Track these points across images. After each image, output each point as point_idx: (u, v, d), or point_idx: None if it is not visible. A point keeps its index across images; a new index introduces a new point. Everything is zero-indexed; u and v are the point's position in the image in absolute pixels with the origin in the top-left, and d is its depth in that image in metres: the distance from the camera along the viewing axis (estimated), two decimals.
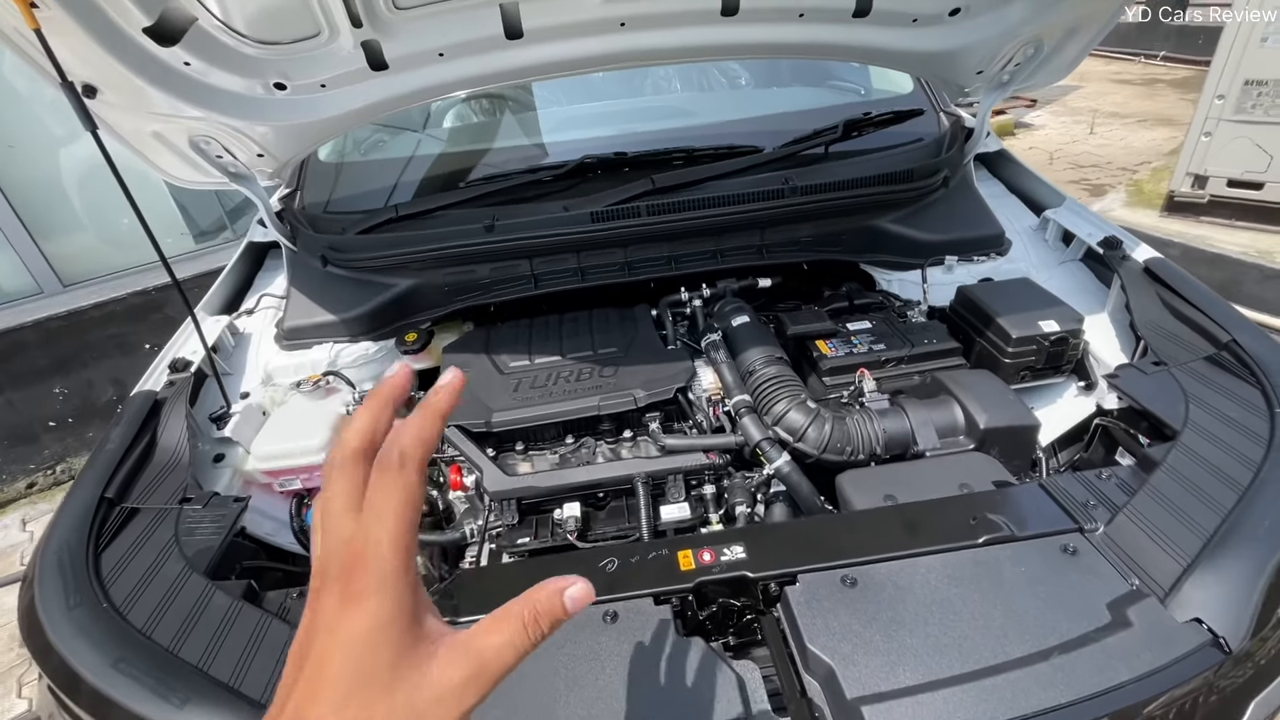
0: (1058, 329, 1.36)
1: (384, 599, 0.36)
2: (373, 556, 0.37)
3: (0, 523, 3.10)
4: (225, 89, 1.34)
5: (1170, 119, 7.16)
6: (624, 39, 1.39)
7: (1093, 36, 1.48)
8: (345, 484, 0.39)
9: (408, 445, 0.39)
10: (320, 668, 0.36)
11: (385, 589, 0.37)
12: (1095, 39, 1.49)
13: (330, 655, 0.36)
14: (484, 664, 0.38)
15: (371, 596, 0.36)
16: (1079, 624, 0.85)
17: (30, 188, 3.15)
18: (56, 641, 0.88)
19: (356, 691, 0.35)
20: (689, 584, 0.95)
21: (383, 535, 0.37)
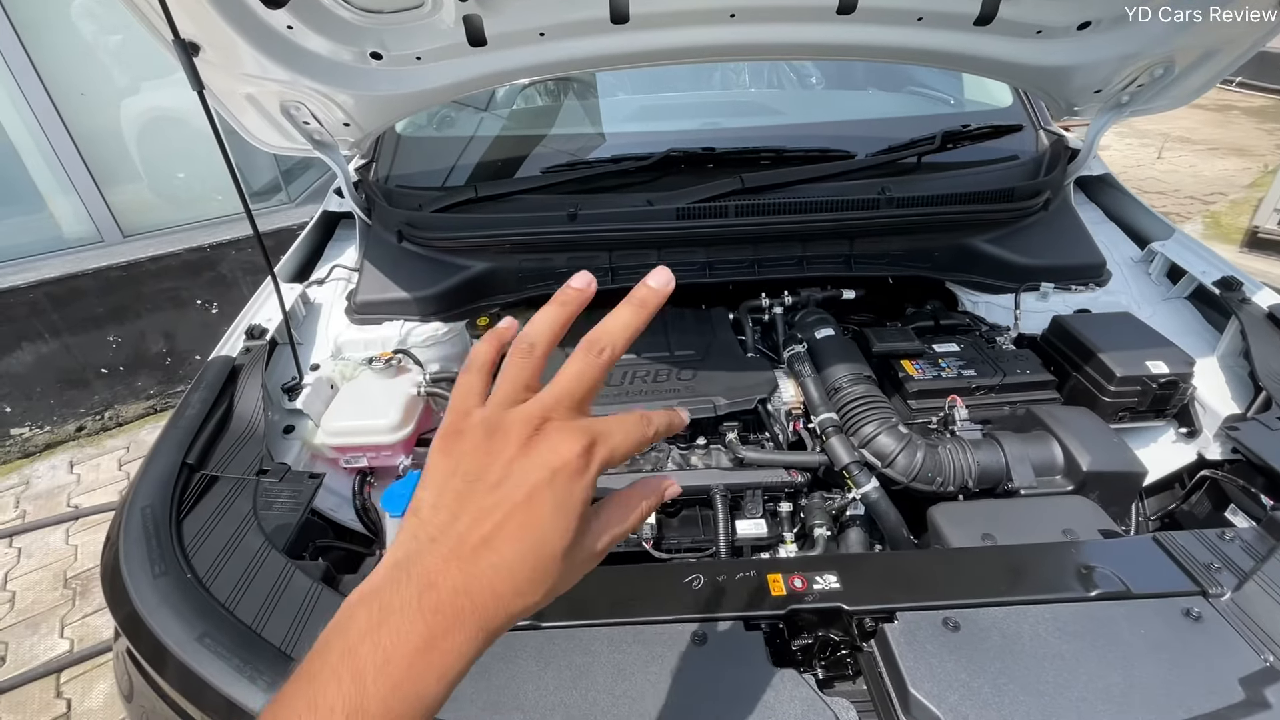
0: (1167, 371, 1.29)
1: (593, 481, 0.41)
2: (606, 445, 0.42)
3: (49, 464, 3.18)
4: (323, 55, 1.32)
5: (1244, 149, 6.87)
6: (732, 31, 1.34)
7: (1230, 61, 1.38)
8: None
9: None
10: (528, 513, 0.39)
11: (598, 472, 0.42)
12: (1232, 65, 1.39)
13: (541, 503, 0.39)
14: (613, 536, 0.44)
15: (593, 471, 0.41)
16: (1208, 699, 0.79)
17: (98, 137, 3.20)
18: (143, 610, 0.87)
19: (546, 542, 0.39)
20: (781, 610, 0.91)
21: (617, 435, 0.43)
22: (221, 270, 3.44)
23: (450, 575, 0.38)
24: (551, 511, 0.39)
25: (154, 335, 3.37)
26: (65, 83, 3.03)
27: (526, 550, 0.39)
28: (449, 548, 0.38)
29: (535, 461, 0.40)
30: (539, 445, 0.40)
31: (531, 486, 0.39)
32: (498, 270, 1.58)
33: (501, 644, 0.86)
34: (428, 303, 1.55)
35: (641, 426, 0.45)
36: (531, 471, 0.40)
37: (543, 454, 0.40)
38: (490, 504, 0.39)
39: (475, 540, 0.38)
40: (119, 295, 3.21)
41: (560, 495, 0.40)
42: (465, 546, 0.38)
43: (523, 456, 0.40)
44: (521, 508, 0.39)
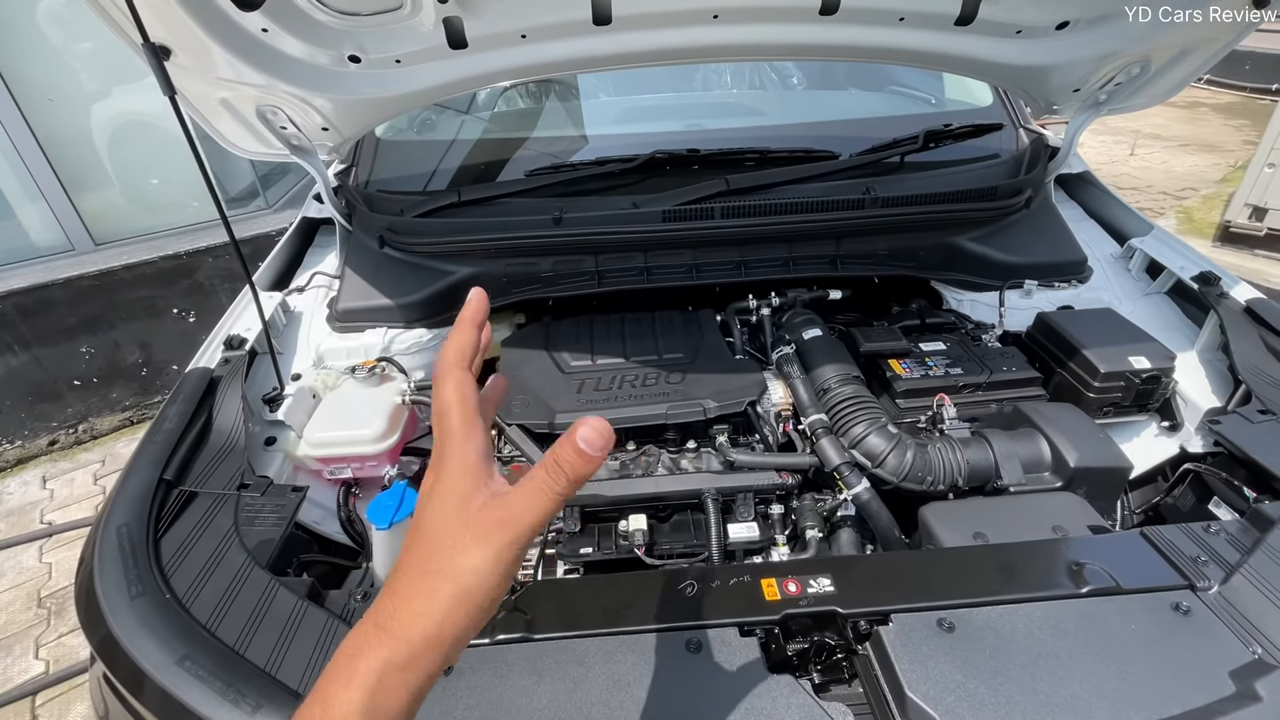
0: (1150, 366, 1.30)
1: (451, 461, 0.45)
2: (444, 438, 0.46)
3: (21, 479, 3.09)
4: (300, 58, 1.29)
5: (1214, 145, 7.02)
6: (715, 32, 1.33)
7: (1205, 59, 1.41)
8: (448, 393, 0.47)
9: (447, 353, 0.48)
10: (414, 524, 0.45)
11: (452, 454, 0.45)
12: (1208, 63, 1.41)
13: (419, 515, 0.45)
14: (511, 507, 0.43)
15: (444, 464, 0.45)
16: (1200, 693, 0.80)
17: (67, 143, 3.11)
18: (120, 633, 0.84)
19: (428, 534, 0.43)
20: (775, 616, 0.90)
21: (445, 422, 0.46)
22: (199, 278, 3.37)
23: (373, 606, 0.43)
24: (428, 508, 0.45)
25: (129, 345, 3.29)
26: (32, 88, 2.95)
27: (411, 549, 0.44)
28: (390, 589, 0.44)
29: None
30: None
31: (417, 510, 0.46)
32: (482, 275, 1.55)
33: (495, 658, 0.85)
34: (411, 309, 1.52)
35: (445, 386, 0.47)
36: (421, 493, 0.47)
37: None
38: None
39: (392, 571, 0.45)
40: (91, 305, 3.13)
41: (432, 493, 0.45)
42: (387, 579, 0.45)
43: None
44: (413, 520, 0.46)
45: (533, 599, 0.95)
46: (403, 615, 0.41)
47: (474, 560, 0.42)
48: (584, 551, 1.17)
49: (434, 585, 0.41)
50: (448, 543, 0.42)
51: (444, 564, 0.42)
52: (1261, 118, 3.73)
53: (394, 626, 0.40)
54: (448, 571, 0.42)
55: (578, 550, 1.18)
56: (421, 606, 0.41)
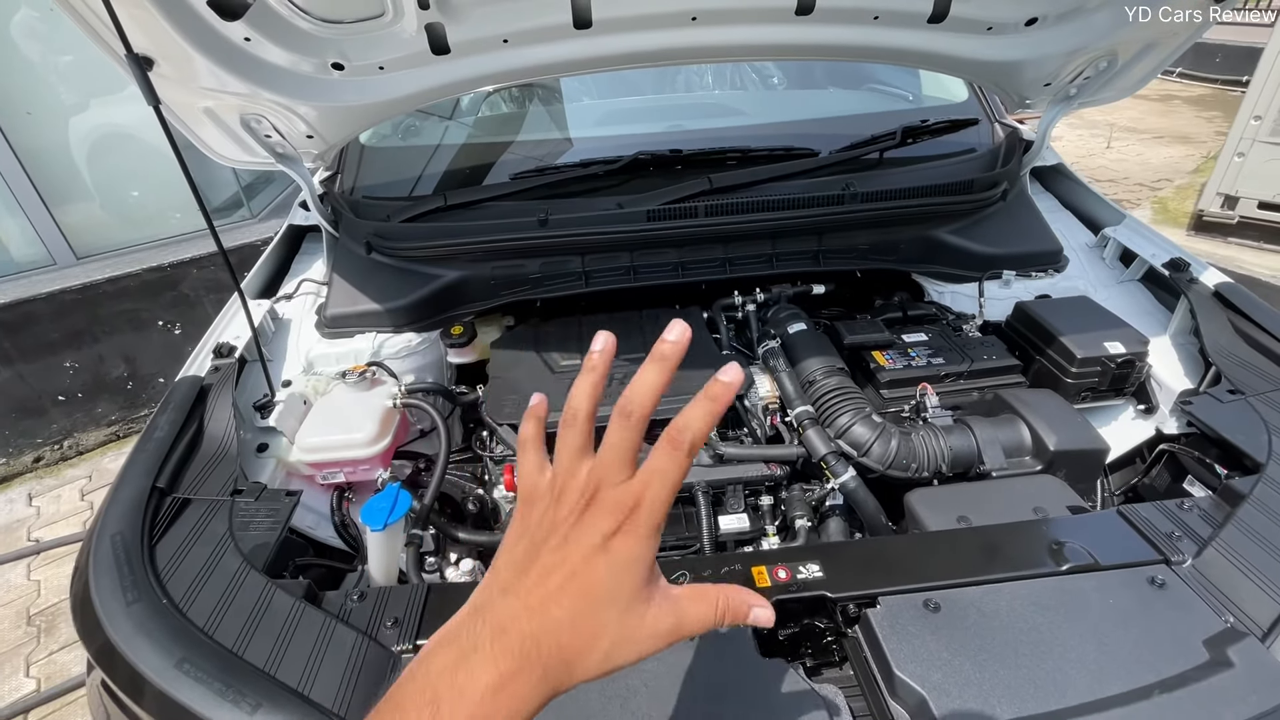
0: (1124, 351, 1.34)
1: (647, 542, 0.44)
2: (649, 507, 0.44)
3: (6, 496, 3.06)
4: (283, 67, 1.30)
5: (1187, 136, 7.16)
6: (694, 34, 1.35)
7: (1169, 53, 1.45)
8: (633, 437, 0.46)
9: (697, 433, 0.45)
10: (589, 576, 0.43)
11: (652, 535, 0.45)
12: (1171, 56, 1.46)
13: (598, 568, 0.43)
14: (682, 622, 0.45)
15: (642, 539, 0.44)
16: (1176, 662, 0.83)
17: (46, 156, 3.09)
18: (117, 639, 0.84)
19: (604, 605, 0.43)
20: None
21: (661, 495, 0.44)
22: (183, 290, 3.35)
23: (520, 623, 0.42)
24: (607, 575, 0.43)
25: (114, 359, 3.26)
26: (9, 102, 2.93)
27: (584, 608, 0.43)
28: (519, 599, 0.43)
29: (590, 527, 0.44)
30: (592, 512, 0.45)
31: (588, 549, 0.44)
32: (470, 278, 1.57)
33: None
34: (400, 314, 1.53)
35: (676, 461, 0.45)
36: (587, 536, 0.44)
37: (596, 520, 0.44)
38: (553, 563, 0.44)
39: (541, 594, 0.43)
40: (74, 319, 3.10)
41: (614, 560, 0.44)
42: (533, 598, 0.43)
43: (579, 522, 0.45)
44: (580, 568, 0.43)
45: None
46: (562, 670, 0.42)
47: (634, 655, 0.44)
48: None
49: (596, 662, 0.43)
50: (625, 630, 0.43)
51: (612, 649, 0.43)
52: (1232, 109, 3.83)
53: (553, 677, 0.42)
54: (612, 657, 0.43)
55: None
56: (577, 670, 0.43)
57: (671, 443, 0.45)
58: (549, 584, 0.43)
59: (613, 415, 0.47)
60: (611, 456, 0.46)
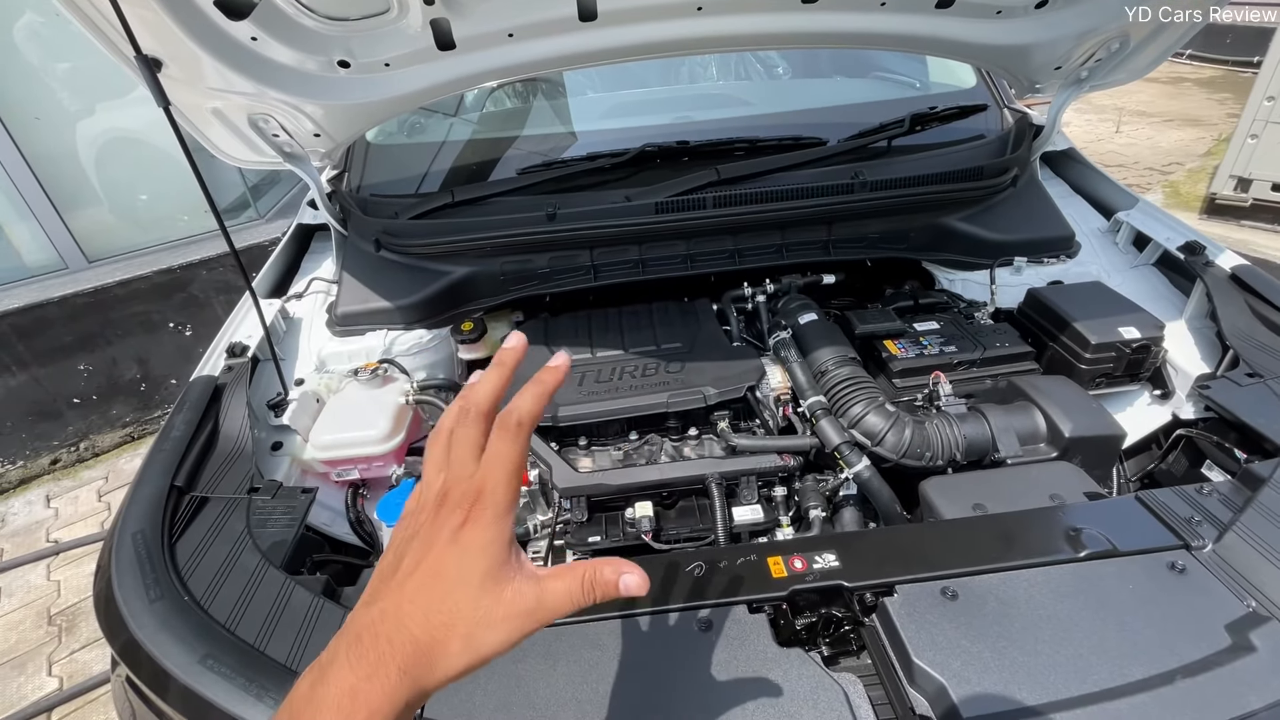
0: (1139, 336, 1.33)
1: (494, 526, 0.45)
2: (491, 492, 0.46)
3: (25, 499, 3.09)
4: (289, 65, 1.30)
5: (1198, 119, 7.07)
6: (700, 24, 1.34)
7: (1182, 34, 1.43)
8: (474, 433, 0.49)
9: (524, 412, 0.49)
10: (436, 569, 0.44)
11: (497, 519, 0.46)
12: (1184, 37, 1.43)
13: (443, 560, 0.45)
14: (543, 600, 0.46)
15: (488, 523, 0.45)
16: (1198, 647, 0.82)
17: (55, 161, 3.11)
18: (141, 636, 0.85)
19: (455, 590, 0.44)
20: (783, 592, 0.92)
21: (501, 478, 0.46)
22: (193, 291, 3.37)
23: (375, 627, 0.43)
24: (455, 564, 0.44)
25: (126, 361, 3.29)
26: (17, 108, 2.95)
27: (435, 599, 0.43)
28: (379, 606, 0.44)
29: (439, 523, 0.46)
30: (442, 510, 0.47)
31: (439, 545, 0.45)
32: (479, 274, 1.57)
33: None
34: (410, 311, 1.54)
35: (509, 442, 0.47)
36: (436, 532, 0.46)
37: (444, 517, 0.46)
38: (410, 566, 0.45)
39: (396, 597, 0.44)
40: (87, 322, 3.13)
41: (462, 549, 0.45)
42: (389, 602, 0.44)
43: (431, 522, 0.47)
44: (430, 563, 0.45)
45: None
46: (424, 663, 0.42)
47: (498, 638, 0.44)
48: (592, 540, 1.19)
49: (458, 649, 0.43)
50: (479, 612, 0.43)
51: (471, 631, 0.43)
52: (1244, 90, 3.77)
53: (415, 672, 0.42)
54: (474, 642, 0.43)
55: (586, 539, 1.19)
56: (440, 662, 0.43)
57: (502, 426, 0.48)
58: (406, 584, 0.44)
59: (454, 416, 0.50)
60: (457, 454, 0.48)
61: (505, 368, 0.53)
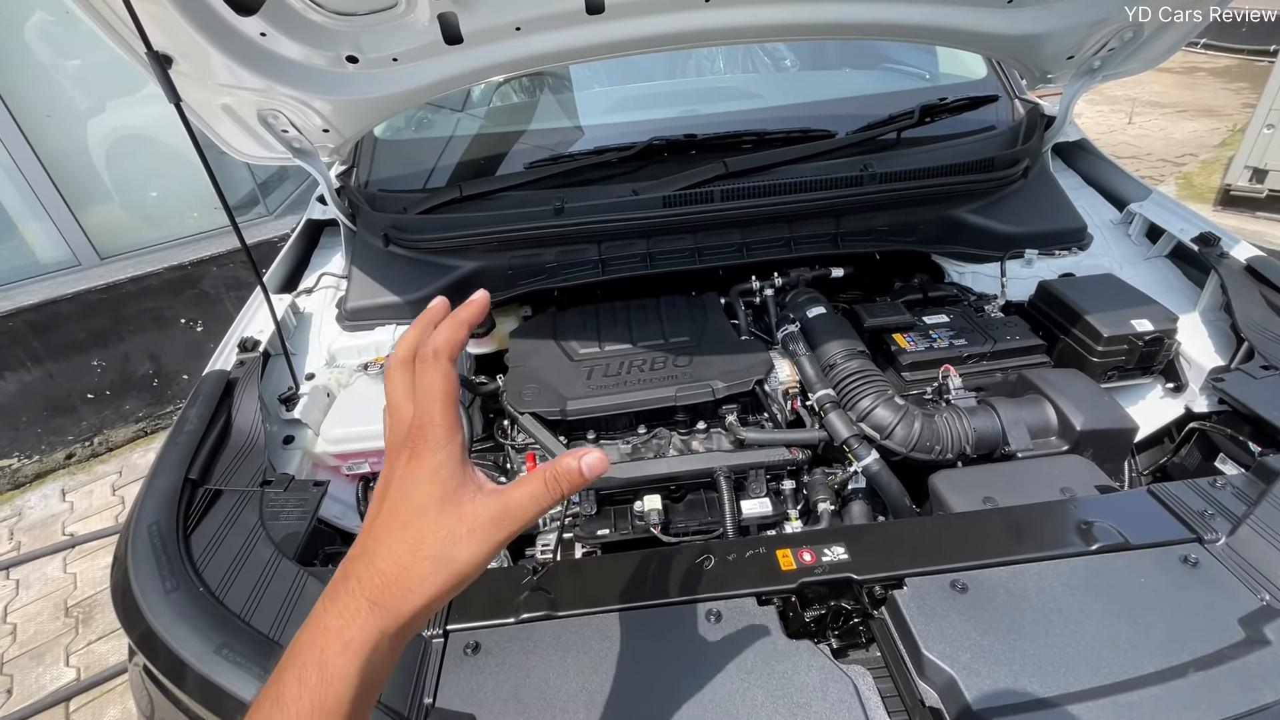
0: (1152, 328, 1.32)
1: (437, 453, 0.47)
2: (427, 425, 0.47)
3: (40, 493, 3.14)
4: (298, 61, 1.30)
5: (1212, 109, 6.97)
6: (709, 15, 1.33)
7: (1198, 22, 1.40)
8: (400, 382, 0.51)
9: (439, 343, 0.50)
10: (394, 505, 0.47)
11: (438, 447, 0.47)
12: (1200, 25, 1.41)
13: (400, 495, 0.47)
14: (509, 507, 0.47)
15: (430, 452, 0.47)
16: (1211, 640, 0.82)
17: (67, 158, 3.14)
18: (158, 626, 0.86)
19: (414, 518, 0.46)
20: (792, 585, 0.92)
21: (433, 409, 0.48)
22: (204, 287, 3.40)
23: (348, 568, 0.46)
24: (411, 491, 0.47)
25: (139, 357, 3.32)
26: (30, 105, 2.97)
27: (396, 529, 0.46)
28: (355, 553, 0.47)
29: (390, 465, 0.49)
30: (393, 453, 0.49)
31: (391, 481, 0.48)
32: (487, 268, 1.57)
33: (520, 636, 0.87)
34: (419, 305, 1.54)
35: (430, 371, 0.49)
36: (389, 473, 0.49)
37: (394, 457, 0.49)
38: (373, 510, 0.48)
39: (365, 538, 0.47)
40: (100, 318, 3.16)
41: (412, 478, 0.47)
42: (359, 546, 0.47)
43: (391, 464, 0.49)
44: (389, 500, 0.47)
45: (555, 579, 0.98)
46: (395, 591, 0.44)
47: (469, 551, 0.45)
48: (601, 533, 1.20)
49: (428, 570, 0.45)
50: (442, 531, 0.45)
51: (439, 551, 0.45)
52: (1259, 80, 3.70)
53: (386, 601, 0.44)
54: (443, 559, 0.45)
55: (595, 532, 1.20)
56: (415, 586, 0.44)
57: (420, 360, 0.50)
58: (373, 529, 0.47)
59: (415, 365, 0.51)
60: (391, 403, 0.51)
61: (422, 321, 0.54)
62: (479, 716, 0.78)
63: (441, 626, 0.89)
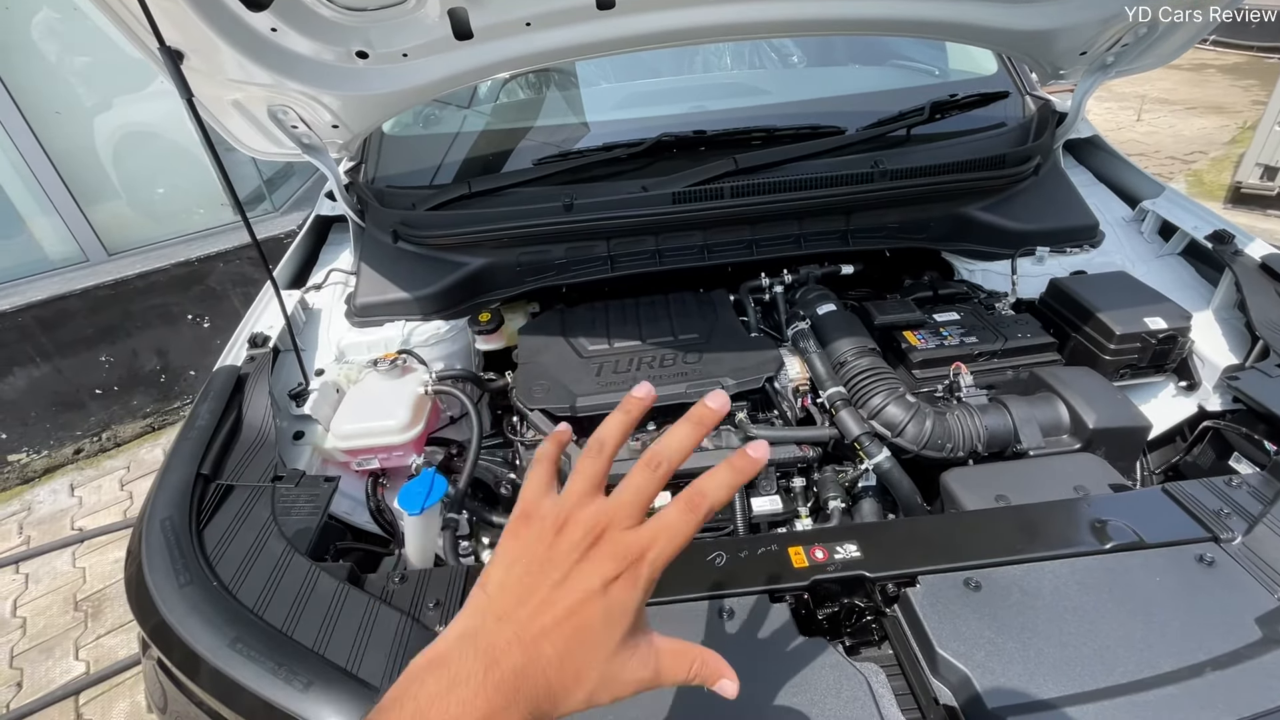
0: (1165, 326, 1.31)
1: (645, 592, 0.45)
2: (653, 560, 0.45)
3: (50, 488, 3.16)
4: (308, 56, 1.30)
5: (1222, 107, 6.91)
6: (720, 11, 1.33)
7: (1207, 21, 1.39)
8: (653, 485, 0.47)
9: (716, 500, 0.47)
10: (584, 616, 0.44)
11: (649, 586, 0.45)
12: (1220, 14, 1.40)
13: (594, 610, 0.44)
14: (659, 676, 0.47)
15: (642, 586, 0.45)
16: (1228, 640, 0.81)
17: (75, 155, 3.15)
18: (172, 619, 0.87)
19: (597, 645, 0.44)
20: (804, 582, 0.92)
21: (667, 550, 0.46)
22: (211, 284, 3.41)
23: (512, 655, 0.42)
24: (601, 620, 0.44)
25: (147, 353, 3.34)
26: (38, 102, 2.98)
27: (575, 648, 0.43)
28: (513, 630, 0.43)
29: (592, 569, 0.44)
30: (597, 554, 0.45)
31: (586, 592, 0.44)
32: (496, 265, 1.57)
33: None
34: (428, 301, 1.54)
35: (689, 522, 0.46)
36: (588, 578, 0.44)
37: (599, 563, 0.44)
38: (551, 599, 0.44)
39: (536, 629, 0.43)
40: (108, 314, 3.18)
41: (610, 605, 0.44)
42: (527, 632, 0.43)
43: (583, 561, 0.45)
44: (577, 608, 0.44)
45: None
46: (547, 704, 0.43)
47: (612, 696, 0.45)
48: None
49: (579, 698, 0.44)
50: (609, 670, 0.44)
51: (594, 688, 0.44)
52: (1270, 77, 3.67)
53: (543, 709, 0.43)
54: (594, 697, 0.44)
55: None
56: (561, 704, 0.43)
57: (690, 504, 0.46)
58: (544, 619, 0.43)
59: (639, 463, 0.47)
60: (628, 499, 0.46)
61: (632, 414, 0.51)
62: None
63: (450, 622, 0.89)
